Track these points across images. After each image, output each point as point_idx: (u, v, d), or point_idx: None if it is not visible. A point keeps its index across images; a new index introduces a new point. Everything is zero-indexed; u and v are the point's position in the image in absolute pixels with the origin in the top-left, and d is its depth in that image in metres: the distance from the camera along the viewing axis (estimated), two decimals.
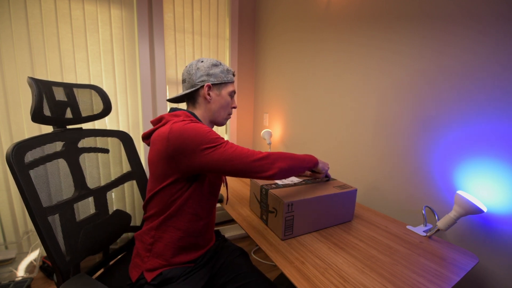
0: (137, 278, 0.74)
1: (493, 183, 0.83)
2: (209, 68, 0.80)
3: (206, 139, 0.68)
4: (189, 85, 0.81)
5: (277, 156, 0.75)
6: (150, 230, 0.76)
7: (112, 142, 0.99)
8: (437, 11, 0.93)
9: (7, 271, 1.40)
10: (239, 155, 0.70)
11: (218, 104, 0.83)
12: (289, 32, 1.74)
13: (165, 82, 1.83)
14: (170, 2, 1.78)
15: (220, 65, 0.82)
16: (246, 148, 0.73)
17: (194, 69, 0.80)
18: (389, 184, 1.16)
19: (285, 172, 0.76)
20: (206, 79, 0.80)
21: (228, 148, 0.70)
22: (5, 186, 1.45)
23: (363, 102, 1.25)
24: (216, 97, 0.82)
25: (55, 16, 1.45)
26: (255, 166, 0.71)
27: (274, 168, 0.73)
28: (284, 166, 0.75)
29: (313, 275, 0.69)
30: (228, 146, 0.70)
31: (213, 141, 0.69)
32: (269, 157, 0.74)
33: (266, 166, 0.72)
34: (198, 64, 0.80)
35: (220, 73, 0.81)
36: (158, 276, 0.73)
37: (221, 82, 0.82)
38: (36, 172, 0.70)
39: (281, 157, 0.76)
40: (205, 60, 0.82)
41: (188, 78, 0.81)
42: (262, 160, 0.72)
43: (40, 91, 0.73)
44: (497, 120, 0.81)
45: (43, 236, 0.68)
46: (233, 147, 0.70)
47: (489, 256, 0.85)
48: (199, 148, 0.67)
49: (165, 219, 0.75)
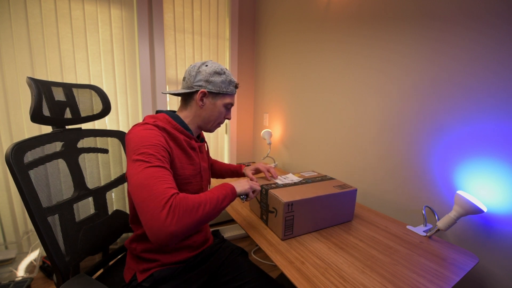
0: (130, 279, 0.75)
1: (493, 183, 0.83)
2: (210, 75, 0.77)
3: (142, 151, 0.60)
4: (186, 85, 0.79)
5: (183, 208, 0.55)
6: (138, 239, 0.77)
7: (112, 142, 0.99)
8: (437, 11, 0.93)
9: (7, 271, 1.40)
10: (149, 189, 0.54)
11: (210, 113, 0.80)
12: (289, 32, 1.74)
13: (165, 82, 1.83)
14: (170, 2, 1.78)
15: (223, 74, 0.79)
16: (164, 186, 0.56)
17: (195, 72, 0.77)
18: (389, 184, 1.15)
19: (190, 229, 0.56)
20: (204, 85, 0.77)
21: (147, 173, 0.56)
22: (5, 186, 1.45)
23: (363, 102, 1.25)
24: (210, 105, 0.79)
25: (55, 16, 1.45)
26: (148, 217, 0.53)
27: (163, 233, 0.52)
28: (190, 222, 0.56)
29: (313, 275, 0.69)
30: (150, 170, 0.57)
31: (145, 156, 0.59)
32: (175, 209, 0.54)
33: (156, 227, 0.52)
34: (201, 68, 0.77)
35: (220, 83, 0.78)
36: (149, 277, 0.73)
37: (218, 92, 0.78)
38: (36, 173, 0.70)
39: (188, 209, 0.56)
40: (209, 65, 0.78)
41: (188, 78, 0.79)
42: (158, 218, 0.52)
43: (39, 91, 0.73)
44: (497, 120, 0.81)
45: (43, 236, 0.68)
46: (153, 175, 0.56)
47: (489, 256, 0.85)
48: (131, 156, 0.61)
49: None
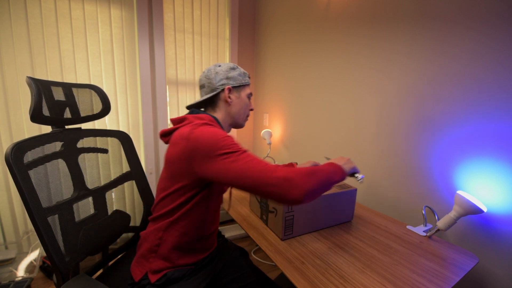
0: (141, 278, 0.74)
1: (493, 183, 0.83)
2: (228, 72, 0.81)
3: (222, 144, 0.64)
4: (209, 90, 0.82)
5: (302, 172, 0.59)
6: (158, 231, 0.76)
7: (112, 142, 0.98)
8: (437, 11, 0.93)
9: (7, 271, 1.40)
10: (256, 167, 0.59)
11: (238, 106, 0.84)
12: (289, 32, 1.74)
13: (165, 82, 1.83)
14: (170, 2, 1.78)
15: (237, 68, 0.84)
16: (265, 161, 0.62)
17: (213, 74, 0.81)
18: (389, 184, 1.15)
19: (313, 193, 0.59)
20: (226, 83, 0.81)
21: (243, 158, 0.61)
22: (5, 186, 1.45)
23: (363, 102, 1.25)
24: (236, 100, 0.83)
25: (55, 16, 1.45)
26: (273, 184, 0.57)
27: (299, 189, 0.57)
28: (313, 186, 0.59)
29: (313, 275, 0.69)
30: (244, 155, 0.62)
31: (229, 147, 0.63)
32: (293, 174, 0.58)
33: (287, 186, 0.57)
34: (216, 69, 0.82)
35: (238, 76, 0.82)
36: (163, 277, 0.73)
37: (240, 85, 0.83)
38: (35, 173, 0.70)
39: (307, 173, 0.60)
40: (222, 64, 0.83)
41: (208, 83, 0.81)
42: (286, 178, 0.57)
43: (39, 91, 0.73)
44: (497, 120, 0.81)
45: (43, 236, 0.68)
46: (250, 157, 0.62)
47: (489, 256, 0.85)
48: (214, 153, 0.63)
49: (174, 221, 0.74)
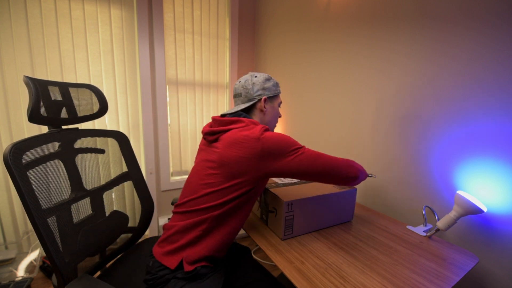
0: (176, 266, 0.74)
1: (493, 183, 0.83)
2: (264, 83, 0.87)
3: (291, 143, 0.75)
4: (246, 99, 0.87)
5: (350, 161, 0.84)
6: (200, 224, 0.75)
7: (112, 143, 0.98)
8: (437, 11, 0.93)
9: (7, 271, 1.40)
10: (321, 155, 0.77)
11: (271, 115, 0.91)
12: (289, 32, 1.74)
13: (165, 82, 1.83)
14: (170, 2, 1.78)
15: (271, 79, 0.90)
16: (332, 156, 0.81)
17: (251, 84, 0.86)
18: (389, 184, 1.15)
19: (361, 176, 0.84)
20: (262, 93, 0.87)
21: (307, 150, 0.77)
22: (5, 186, 1.45)
23: (363, 102, 1.25)
24: (270, 109, 0.89)
25: (55, 16, 1.45)
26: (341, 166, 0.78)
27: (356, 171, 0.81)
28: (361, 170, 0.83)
29: (313, 275, 0.69)
30: (306, 148, 0.77)
31: (295, 144, 0.76)
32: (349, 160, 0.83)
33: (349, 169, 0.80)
34: (253, 79, 0.87)
35: (272, 87, 0.89)
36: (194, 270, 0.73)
37: (274, 95, 0.90)
38: (34, 173, 0.70)
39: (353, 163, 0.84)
40: (258, 75, 0.88)
41: (245, 93, 0.86)
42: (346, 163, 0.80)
43: (37, 91, 0.73)
44: (497, 120, 0.81)
45: (42, 236, 0.67)
46: (310, 150, 0.78)
47: (489, 256, 0.85)
48: (287, 150, 0.74)
49: (222, 215, 0.75)
